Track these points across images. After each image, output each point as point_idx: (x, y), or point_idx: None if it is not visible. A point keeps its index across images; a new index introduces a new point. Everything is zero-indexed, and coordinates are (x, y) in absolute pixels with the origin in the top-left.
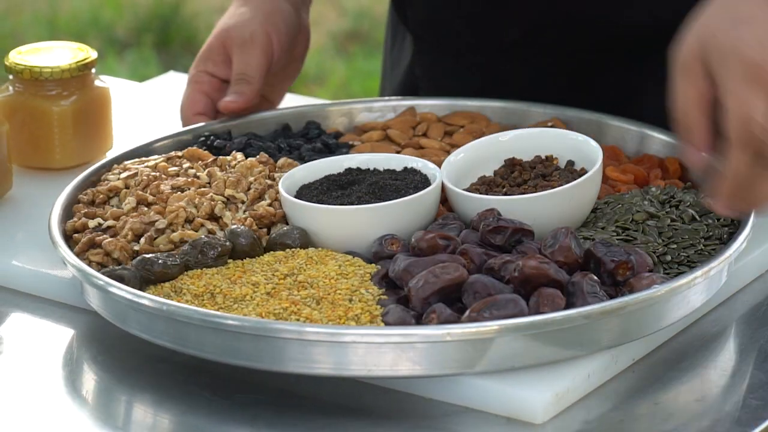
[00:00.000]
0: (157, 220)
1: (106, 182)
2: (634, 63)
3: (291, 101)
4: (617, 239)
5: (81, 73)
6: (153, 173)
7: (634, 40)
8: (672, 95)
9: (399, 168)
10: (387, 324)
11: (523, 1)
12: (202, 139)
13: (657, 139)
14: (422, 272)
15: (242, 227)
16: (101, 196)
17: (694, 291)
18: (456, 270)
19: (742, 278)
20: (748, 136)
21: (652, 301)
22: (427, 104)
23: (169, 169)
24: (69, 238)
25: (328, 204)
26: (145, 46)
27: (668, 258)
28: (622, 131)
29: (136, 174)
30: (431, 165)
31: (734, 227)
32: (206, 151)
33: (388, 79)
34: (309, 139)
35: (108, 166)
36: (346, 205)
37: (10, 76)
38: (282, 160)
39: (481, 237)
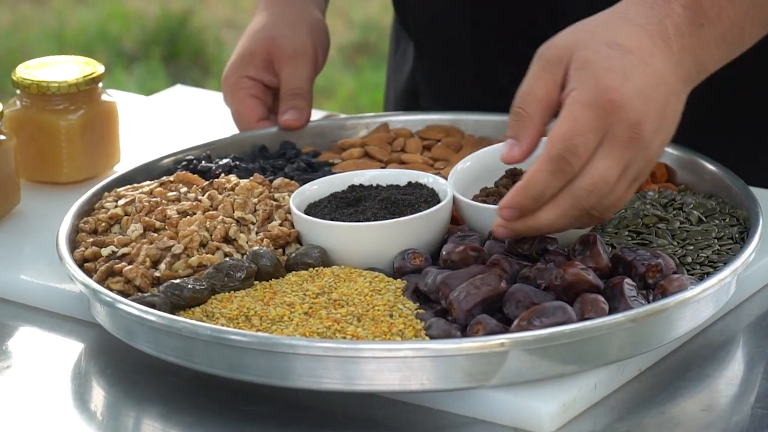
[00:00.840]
0: (172, 246)
1: (103, 210)
2: None
3: None
4: (633, 243)
5: (88, 87)
6: (153, 199)
7: None
8: (522, 85)
9: (403, 183)
10: (432, 338)
11: (524, 7)
12: (185, 163)
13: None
14: (462, 284)
15: (264, 248)
16: (103, 224)
17: (724, 290)
18: (496, 280)
19: (749, 287)
20: (561, 153)
21: (688, 302)
22: (400, 119)
23: (168, 194)
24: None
25: (342, 221)
26: (152, 60)
27: (689, 259)
28: None
29: (133, 200)
30: (441, 180)
31: (743, 226)
32: (195, 176)
33: (391, 86)
34: (288, 159)
35: (99, 194)
36: (362, 221)
37: (18, 91)
38: (279, 181)
39: (509, 247)
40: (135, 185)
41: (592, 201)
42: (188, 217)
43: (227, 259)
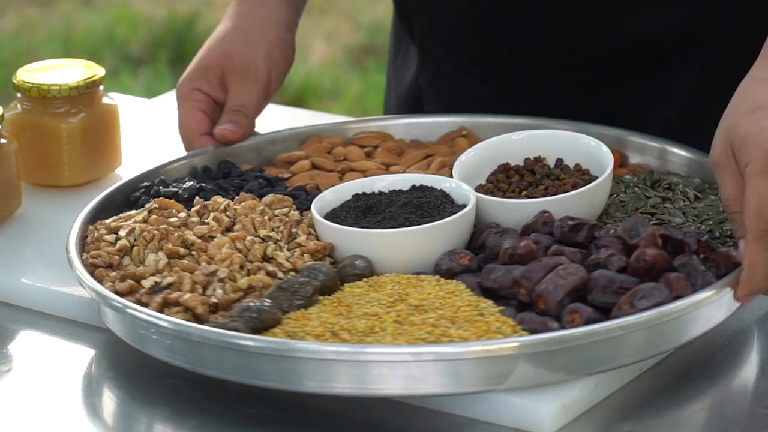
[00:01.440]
0: (217, 270)
1: (105, 242)
2: (642, 76)
3: (305, 118)
4: (652, 224)
5: (89, 90)
6: (161, 226)
7: (641, 51)
8: (720, 194)
9: (406, 187)
10: (531, 332)
11: (529, 13)
12: (143, 189)
13: (675, 154)
14: (547, 276)
15: (320, 263)
16: (115, 257)
17: None
18: (578, 269)
19: None
20: (762, 227)
21: (703, 303)
22: (328, 129)
23: (170, 219)
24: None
25: (373, 228)
26: (159, 63)
27: (716, 234)
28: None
29: (132, 230)
30: (446, 181)
31: None
32: (172, 201)
33: (392, 90)
34: (228, 176)
35: (109, 199)
36: (397, 227)
37: (18, 95)
38: (270, 197)
39: (561, 237)
40: (121, 215)
41: None
42: (213, 240)
43: (290, 277)
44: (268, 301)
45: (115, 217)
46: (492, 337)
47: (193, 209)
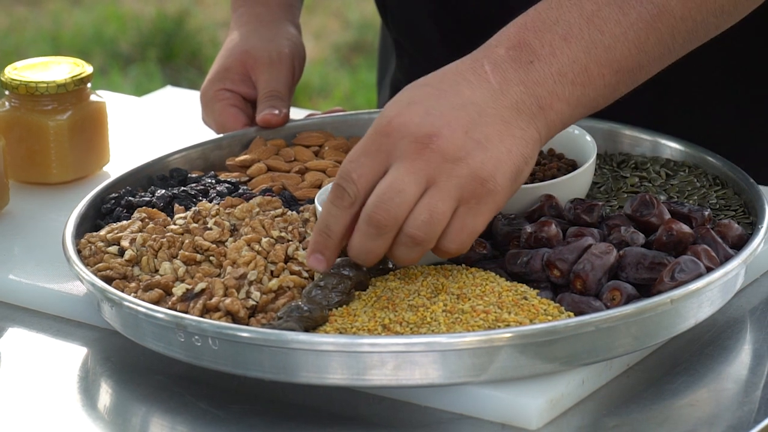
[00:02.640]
0: (246, 273)
1: (109, 255)
2: None
3: (292, 113)
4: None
5: (77, 87)
6: (167, 234)
7: None
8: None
9: None
10: (577, 313)
11: (482, 3)
12: (112, 201)
13: (667, 146)
14: (582, 257)
15: (346, 259)
16: (128, 268)
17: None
18: (609, 248)
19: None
20: (337, 179)
21: (701, 291)
22: (270, 131)
23: (172, 227)
24: (102, 216)
25: None
26: (149, 61)
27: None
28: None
29: (134, 240)
30: None
31: (701, 170)
32: (154, 209)
33: (382, 88)
34: (183, 183)
35: (101, 195)
36: None
37: (6, 92)
38: (259, 199)
39: (575, 218)
40: (112, 226)
41: (381, 213)
42: (228, 244)
43: (329, 274)
44: (305, 301)
45: (107, 229)
46: (544, 320)
47: (188, 215)
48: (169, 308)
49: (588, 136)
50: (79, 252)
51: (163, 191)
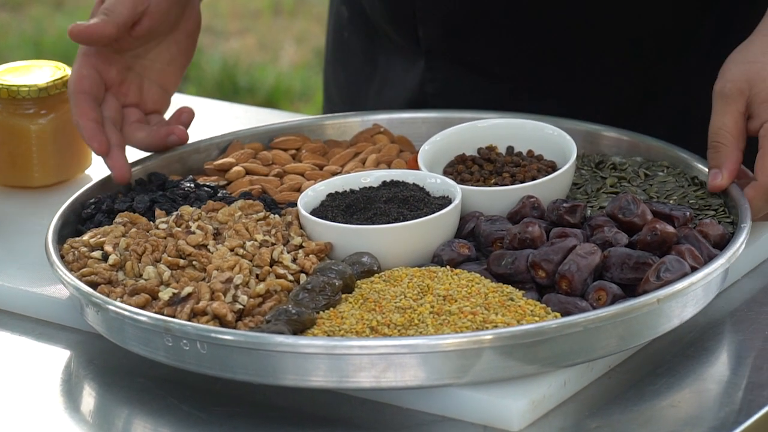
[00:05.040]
0: (232, 277)
1: (93, 260)
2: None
3: (274, 117)
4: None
5: (59, 91)
6: (151, 238)
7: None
8: (712, 120)
9: (376, 184)
10: (564, 313)
11: (548, 8)
12: (93, 206)
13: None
14: (567, 257)
15: (332, 261)
16: (112, 273)
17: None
18: (594, 248)
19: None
20: None
21: (684, 292)
22: (247, 135)
23: (157, 231)
24: (83, 221)
25: (364, 224)
26: None
27: None
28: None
29: (116, 245)
30: (423, 174)
31: (678, 170)
32: (137, 214)
33: (369, 101)
34: (162, 188)
35: (82, 200)
36: (388, 223)
37: None
38: (240, 203)
39: (558, 219)
40: (95, 231)
41: None
42: (210, 247)
43: (314, 277)
44: (293, 304)
45: (89, 234)
46: (531, 321)
47: (170, 219)
48: (155, 312)
49: (568, 137)
50: (62, 257)
51: (143, 196)
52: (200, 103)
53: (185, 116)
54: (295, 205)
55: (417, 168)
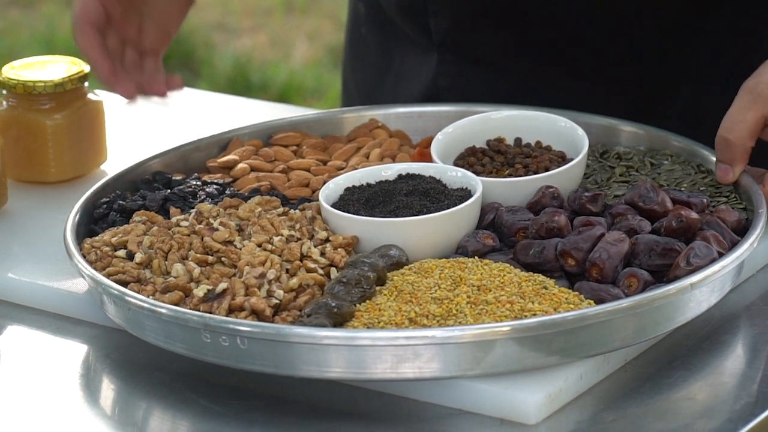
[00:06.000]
0: (265, 273)
1: (118, 258)
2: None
3: (282, 111)
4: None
5: (74, 86)
6: (176, 236)
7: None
8: (731, 113)
9: (393, 177)
10: (597, 301)
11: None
12: (104, 206)
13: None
14: (597, 246)
15: (365, 254)
16: (142, 271)
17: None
18: (622, 236)
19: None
20: None
21: (697, 285)
22: (246, 132)
23: (178, 228)
24: (95, 221)
25: (387, 217)
26: None
27: None
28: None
29: (139, 243)
30: (439, 167)
31: (682, 158)
32: (152, 212)
33: (385, 95)
34: (169, 186)
35: (100, 193)
36: (413, 215)
37: (4, 91)
38: (257, 199)
39: (580, 209)
40: (114, 230)
41: None
42: (238, 244)
43: (351, 270)
44: (331, 297)
45: (110, 233)
46: (567, 308)
47: (190, 217)
48: (191, 309)
49: (580, 129)
50: (83, 257)
51: (155, 194)
52: (213, 98)
53: (175, 84)
54: (306, 200)
55: (422, 160)
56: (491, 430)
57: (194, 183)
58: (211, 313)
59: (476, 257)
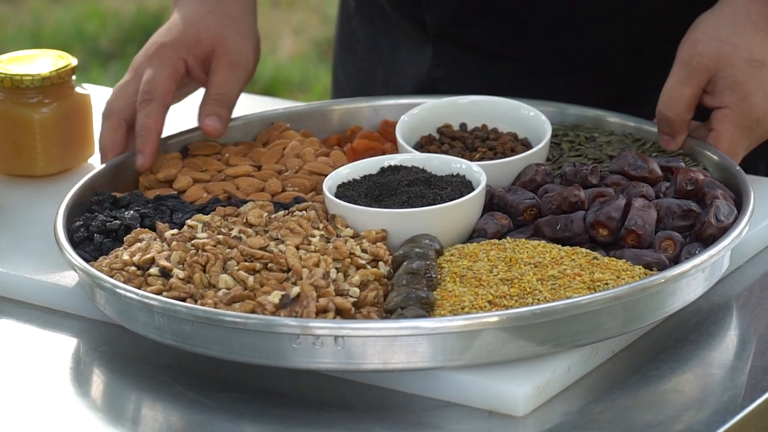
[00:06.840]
0: (329, 272)
1: (155, 276)
2: (643, 55)
3: (271, 104)
4: (590, 160)
5: (62, 80)
6: (209, 247)
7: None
8: (668, 86)
9: (375, 171)
10: (646, 266)
11: None
12: (82, 229)
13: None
14: (630, 213)
15: (411, 244)
16: (188, 287)
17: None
18: (650, 205)
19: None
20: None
21: (684, 275)
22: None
23: (197, 242)
24: (75, 245)
25: (393, 208)
26: (128, 58)
27: None
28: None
29: (168, 257)
30: (422, 156)
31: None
32: (145, 229)
33: (377, 88)
34: (125, 206)
35: (87, 187)
36: (427, 205)
37: None
38: (250, 204)
39: (583, 182)
40: (130, 249)
41: None
42: (273, 249)
43: (416, 261)
44: (403, 288)
45: (128, 253)
46: (627, 276)
47: (198, 228)
48: (269, 316)
49: (543, 117)
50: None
51: (131, 212)
52: (199, 93)
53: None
54: (301, 200)
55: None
56: (479, 422)
57: (144, 200)
58: (294, 317)
59: (507, 237)
